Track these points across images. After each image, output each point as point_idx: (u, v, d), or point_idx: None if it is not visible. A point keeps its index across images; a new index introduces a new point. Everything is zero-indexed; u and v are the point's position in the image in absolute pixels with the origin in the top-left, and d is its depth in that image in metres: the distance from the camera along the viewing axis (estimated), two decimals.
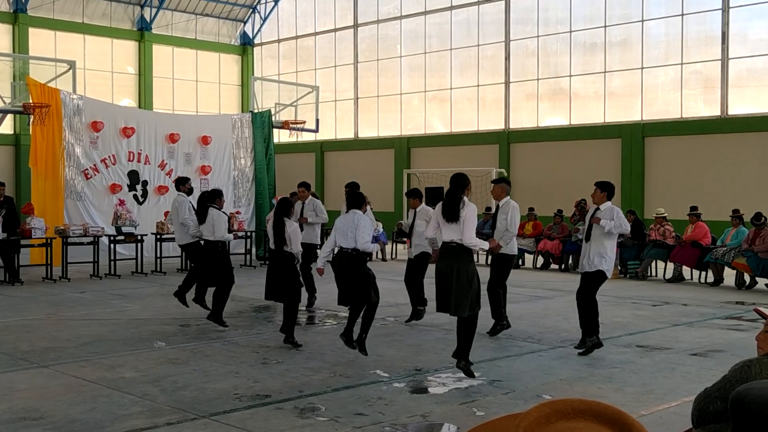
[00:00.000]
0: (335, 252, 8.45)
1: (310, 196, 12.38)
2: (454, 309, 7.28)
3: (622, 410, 1.33)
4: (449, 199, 7.39)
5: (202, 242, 10.76)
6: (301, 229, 11.88)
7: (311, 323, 10.75)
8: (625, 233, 8.78)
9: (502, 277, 9.68)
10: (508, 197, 9.70)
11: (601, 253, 8.50)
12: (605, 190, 8.80)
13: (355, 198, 8.49)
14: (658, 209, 17.34)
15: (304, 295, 10.63)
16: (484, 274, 7.55)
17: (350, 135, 31.90)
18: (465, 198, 7.42)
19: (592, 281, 8.58)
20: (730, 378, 2.92)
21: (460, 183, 7.47)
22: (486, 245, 7.66)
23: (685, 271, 16.02)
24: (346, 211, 8.46)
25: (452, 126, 28.67)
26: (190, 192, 11.74)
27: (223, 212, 10.41)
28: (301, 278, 9.43)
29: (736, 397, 2.09)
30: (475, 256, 7.73)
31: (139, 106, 31.23)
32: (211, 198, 10.44)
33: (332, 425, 5.86)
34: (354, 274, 8.16)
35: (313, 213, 12.11)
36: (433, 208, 8.19)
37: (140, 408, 6.29)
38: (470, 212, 7.31)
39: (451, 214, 7.29)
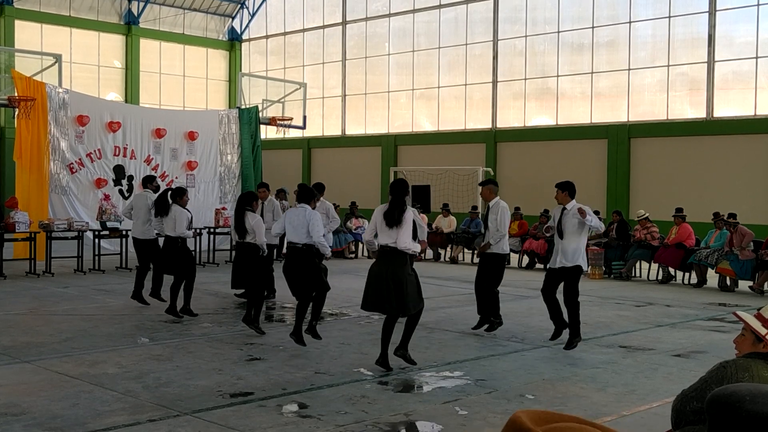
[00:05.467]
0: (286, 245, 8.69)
1: (270, 197, 12.86)
2: (397, 309, 7.49)
3: None
4: (394, 206, 7.52)
5: (161, 238, 11.16)
6: None
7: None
8: (598, 229, 9.46)
9: (498, 276, 9.81)
10: (498, 198, 9.79)
11: (578, 248, 8.93)
12: (566, 189, 9.10)
13: (304, 193, 8.67)
14: (638, 211, 17.40)
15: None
16: (469, 273, 7.57)
17: (337, 132, 31.89)
18: (406, 205, 7.60)
19: (573, 276, 8.94)
20: (707, 379, 2.95)
21: (405, 190, 7.66)
22: (417, 248, 7.77)
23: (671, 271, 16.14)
24: (298, 204, 8.66)
25: (439, 124, 28.72)
26: (156, 190, 11.83)
27: (187, 210, 10.69)
28: (267, 269, 10.01)
29: (712, 398, 2.12)
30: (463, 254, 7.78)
31: (126, 101, 31.09)
32: (175, 195, 10.76)
33: (315, 423, 5.86)
34: (304, 267, 8.41)
35: (270, 215, 12.44)
36: (414, 209, 8.48)
37: (123, 404, 6.27)
38: (407, 217, 7.45)
39: (394, 220, 7.44)
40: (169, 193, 10.95)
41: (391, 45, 30.29)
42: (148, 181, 12.30)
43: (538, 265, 18.14)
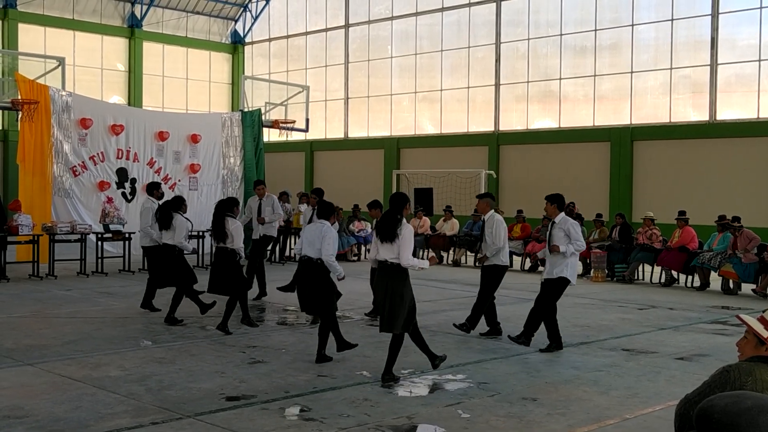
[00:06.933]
0: (300, 258, 8.59)
1: (268, 193, 13.62)
2: (387, 326, 7.35)
3: None
4: (387, 220, 7.42)
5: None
6: (261, 223, 13.07)
7: (301, 323, 10.74)
8: (581, 250, 9.35)
9: (493, 286, 9.87)
10: (492, 211, 9.90)
11: (566, 263, 9.02)
12: (554, 202, 9.21)
13: (324, 208, 8.58)
14: (647, 213, 17.41)
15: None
16: (471, 276, 7.58)
17: (340, 135, 31.90)
18: (403, 219, 7.44)
19: (555, 288, 9.07)
20: (710, 383, 2.95)
21: (400, 204, 7.50)
22: (426, 264, 7.66)
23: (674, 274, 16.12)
24: (317, 219, 8.55)
25: (442, 127, 28.72)
26: (160, 198, 11.83)
27: (186, 218, 10.86)
28: (244, 273, 10.01)
29: (698, 407, 2.15)
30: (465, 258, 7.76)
31: (129, 104, 31.13)
32: (176, 205, 10.85)
33: (318, 426, 5.86)
34: (317, 282, 8.26)
35: (270, 209, 13.22)
36: (412, 218, 8.43)
37: (125, 407, 6.27)
38: (407, 233, 7.30)
39: (387, 235, 7.32)
40: (168, 203, 11.01)
41: (393, 48, 30.31)
42: (154, 188, 12.19)
43: (541, 268, 18.11)
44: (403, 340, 7.50)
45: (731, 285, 14.85)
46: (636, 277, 16.55)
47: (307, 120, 22.46)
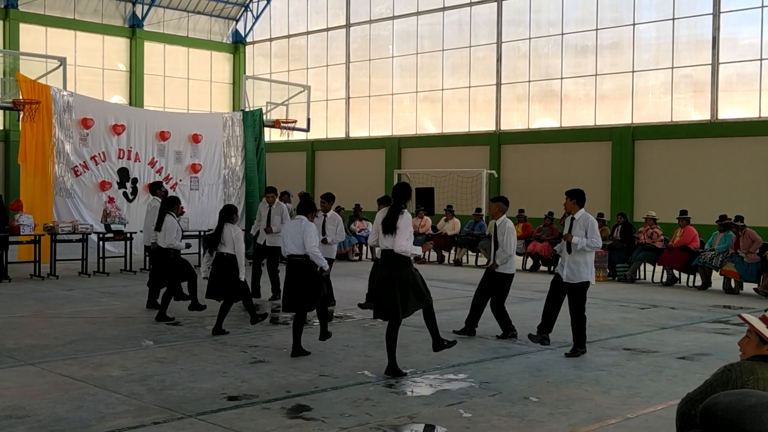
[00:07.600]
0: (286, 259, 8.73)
1: (278, 200, 13.22)
2: (403, 312, 7.50)
3: None
4: (391, 213, 7.58)
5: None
6: (269, 233, 12.81)
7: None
8: (597, 248, 9.06)
9: (504, 294, 9.79)
10: (504, 216, 9.73)
11: (584, 262, 8.80)
12: (574, 197, 8.96)
13: (303, 205, 8.81)
14: (649, 212, 17.40)
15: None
16: (472, 276, 7.59)
17: (341, 134, 31.90)
18: (405, 210, 7.64)
19: (580, 291, 8.81)
20: (712, 382, 2.95)
21: (403, 196, 7.67)
22: (419, 251, 7.79)
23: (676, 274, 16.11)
24: (297, 216, 8.76)
25: (443, 127, 28.71)
26: (164, 196, 11.86)
27: (178, 220, 10.86)
28: (242, 280, 9.83)
29: (702, 406, 2.15)
30: (467, 257, 7.77)
31: (130, 104, 31.14)
32: (169, 205, 10.84)
33: (319, 426, 5.86)
34: (304, 279, 8.39)
35: (278, 219, 12.87)
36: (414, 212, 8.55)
37: (127, 407, 6.28)
38: (405, 221, 7.49)
39: (388, 227, 7.52)
40: (163, 204, 11.04)
41: (394, 47, 30.30)
42: (157, 188, 12.30)
43: (542, 268, 18.13)
44: (433, 308, 7.88)
45: (733, 284, 14.84)
46: (637, 277, 16.55)
47: (309, 120, 22.46)
